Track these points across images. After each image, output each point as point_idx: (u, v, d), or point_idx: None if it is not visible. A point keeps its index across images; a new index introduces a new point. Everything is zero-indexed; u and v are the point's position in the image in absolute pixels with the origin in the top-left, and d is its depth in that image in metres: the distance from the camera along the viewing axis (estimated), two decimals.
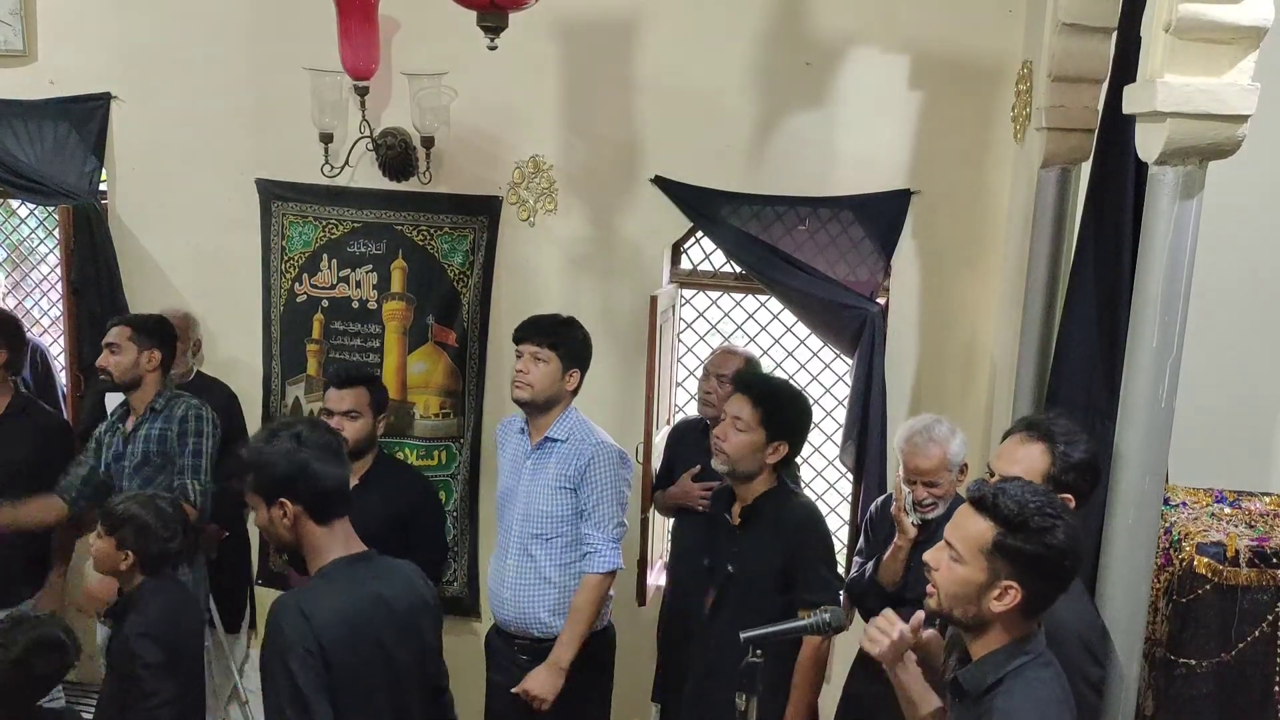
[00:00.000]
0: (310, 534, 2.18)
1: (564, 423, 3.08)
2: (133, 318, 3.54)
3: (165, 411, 3.43)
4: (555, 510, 3.04)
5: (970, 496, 1.86)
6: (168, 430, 3.40)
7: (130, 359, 3.40)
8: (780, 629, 2.31)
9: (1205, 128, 1.97)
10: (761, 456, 2.82)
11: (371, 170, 4.01)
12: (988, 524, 1.80)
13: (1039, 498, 1.81)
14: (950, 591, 1.84)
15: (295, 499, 2.16)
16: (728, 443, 2.82)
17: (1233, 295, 2.83)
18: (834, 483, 4.25)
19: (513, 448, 3.19)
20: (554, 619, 3.07)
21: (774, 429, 2.81)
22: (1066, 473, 2.20)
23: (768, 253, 3.80)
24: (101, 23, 4.21)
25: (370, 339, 4.17)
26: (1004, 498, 1.80)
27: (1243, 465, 2.87)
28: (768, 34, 3.77)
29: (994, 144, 3.68)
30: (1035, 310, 3.07)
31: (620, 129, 3.92)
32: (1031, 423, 2.32)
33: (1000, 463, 2.26)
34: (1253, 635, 2.37)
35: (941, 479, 2.85)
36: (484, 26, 3.05)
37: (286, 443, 2.17)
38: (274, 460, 2.16)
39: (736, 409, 2.83)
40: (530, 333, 3.07)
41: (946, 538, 1.87)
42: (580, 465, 3.03)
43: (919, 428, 2.90)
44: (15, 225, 4.84)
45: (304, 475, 2.15)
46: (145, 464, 3.39)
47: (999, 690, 1.81)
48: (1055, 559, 1.79)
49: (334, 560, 2.18)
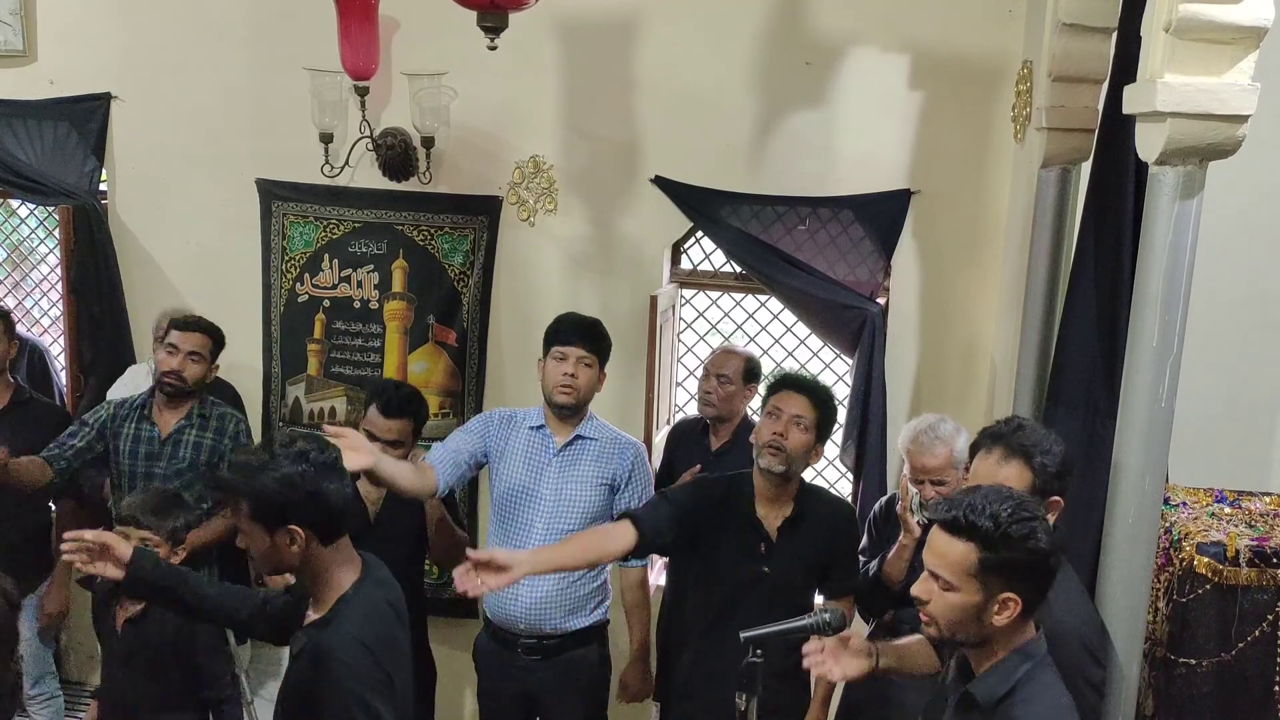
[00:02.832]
0: (319, 558, 2.06)
1: (591, 421, 3.14)
2: (209, 326, 3.48)
3: (215, 423, 3.46)
4: (591, 507, 3.07)
5: (941, 520, 1.82)
6: (218, 443, 3.44)
7: (204, 369, 3.43)
8: (780, 629, 2.31)
9: (1205, 128, 1.97)
10: (809, 458, 2.80)
11: (371, 170, 4.01)
12: (968, 545, 1.78)
13: (1008, 504, 1.79)
14: (949, 619, 1.82)
15: (305, 525, 2.02)
16: (790, 441, 2.72)
17: (1233, 295, 2.83)
18: (834, 483, 4.25)
19: (524, 445, 3.12)
20: (568, 618, 3.07)
21: (823, 431, 2.81)
22: (1049, 483, 2.19)
23: (768, 253, 3.80)
24: (101, 23, 4.21)
25: (371, 339, 4.17)
26: (976, 515, 1.77)
27: (1243, 465, 2.87)
28: (768, 34, 3.77)
29: (994, 144, 3.68)
30: (1035, 310, 3.07)
31: (620, 129, 3.92)
32: (998, 436, 2.26)
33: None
34: (1253, 635, 2.37)
35: (949, 477, 2.85)
36: (484, 26, 3.05)
37: (292, 465, 2.00)
38: (282, 486, 1.99)
39: (799, 408, 2.75)
40: (580, 337, 3.06)
41: (930, 568, 1.84)
42: (625, 464, 3.10)
43: (924, 427, 2.90)
44: (15, 225, 4.83)
45: (315, 499, 2.01)
46: (191, 470, 3.42)
47: (1015, 699, 1.80)
48: (1044, 561, 1.79)
49: (353, 585, 2.09)
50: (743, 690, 2.25)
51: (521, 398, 3.77)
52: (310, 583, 2.11)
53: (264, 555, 2.07)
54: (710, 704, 2.71)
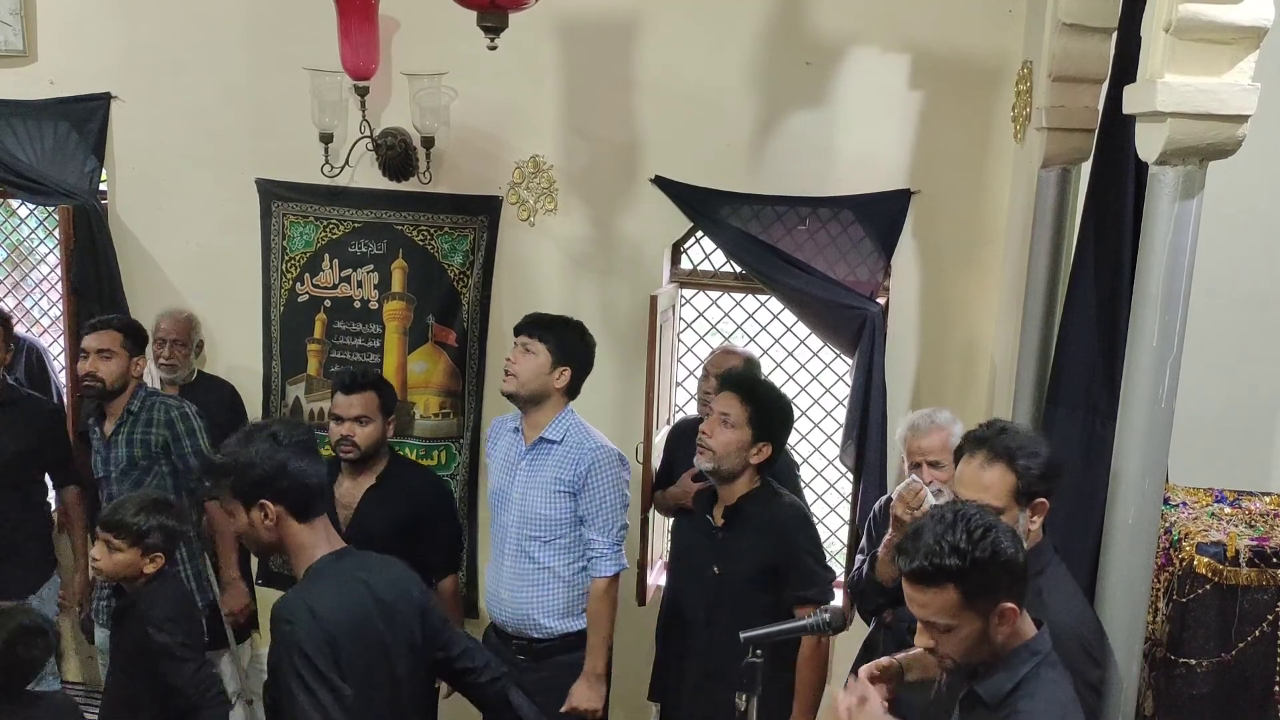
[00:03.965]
0: (293, 533, 2.19)
1: (559, 424, 3.04)
2: (121, 321, 3.50)
3: (145, 415, 3.43)
4: (553, 513, 3.02)
5: (910, 575, 1.81)
6: (149, 435, 3.41)
7: (122, 366, 3.39)
8: (780, 629, 2.31)
9: (1205, 128, 1.97)
10: (745, 455, 2.82)
11: (371, 170, 4.01)
12: (944, 588, 1.78)
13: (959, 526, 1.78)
14: (962, 651, 1.83)
15: (277, 499, 2.16)
16: (714, 439, 2.82)
17: (1233, 295, 2.83)
18: (834, 483, 4.25)
19: (505, 447, 3.16)
20: (552, 621, 3.06)
21: (761, 429, 2.83)
22: (1033, 485, 2.19)
23: (768, 253, 3.80)
24: (101, 23, 4.21)
25: (371, 339, 4.17)
26: (939, 558, 1.76)
27: (1243, 465, 2.86)
28: (768, 34, 3.77)
29: (994, 144, 3.68)
30: (1035, 310, 3.07)
31: (620, 129, 3.92)
32: (981, 440, 2.27)
33: (965, 490, 2.22)
34: (1253, 635, 2.36)
35: (945, 461, 2.88)
36: (484, 26, 3.05)
37: (263, 443, 2.17)
38: (253, 462, 2.15)
39: (725, 406, 2.83)
40: (524, 326, 3.08)
41: (923, 619, 1.83)
42: (580, 471, 3.00)
43: (921, 414, 3.02)
44: (15, 225, 4.83)
45: (284, 474, 2.15)
46: (131, 468, 3.41)
47: (1019, 694, 1.81)
48: (1018, 563, 1.80)
49: (322, 557, 2.20)
50: (743, 690, 2.25)
51: None
52: (290, 559, 2.24)
53: (245, 532, 2.23)
54: (710, 704, 2.72)
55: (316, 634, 2.08)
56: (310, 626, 2.08)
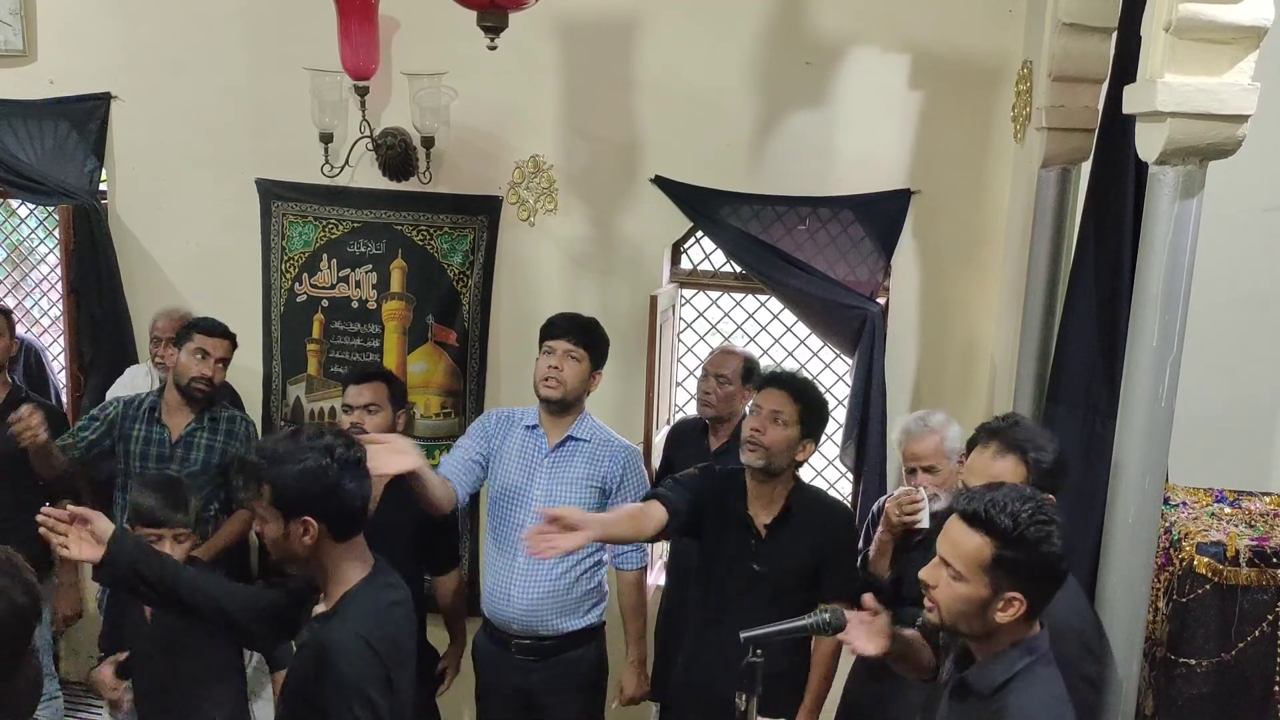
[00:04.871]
0: (330, 553, 2.07)
1: (584, 423, 3.10)
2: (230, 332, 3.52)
3: (226, 425, 3.52)
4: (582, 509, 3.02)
5: (961, 511, 1.83)
6: (229, 445, 3.48)
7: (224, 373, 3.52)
8: (780, 629, 2.30)
9: (1205, 128, 1.97)
10: (792, 454, 2.77)
11: (371, 170, 4.01)
12: (984, 539, 1.78)
13: (1029, 504, 1.79)
14: (953, 609, 1.83)
15: (321, 518, 2.03)
16: (767, 436, 2.73)
17: (1233, 295, 2.83)
18: (834, 483, 4.25)
19: (519, 445, 3.12)
20: (562, 619, 3.07)
21: (808, 427, 2.78)
22: (1042, 479, 2.21)
23: (768, 253, 3.80)
24: (101, 23, 4.21)
25: (370, 339, 4.17)
26: (996, 511, 1.78)
27: (1243, 465, 2.87)
28: (768, 34, 3.77)
29: (994, 144, 3.68)
30: (1035, 310, 3.08)
31: (620, 129, 3.92)
32: (995, 431, 2.30)
33: (975, 479, 2.23)
34: (1253, 635, 2.37)
35: (940, 465, 2.89)
36: (484, 26, 3.05)
37: (317, 458, 2.01)
38: (304, 477, 2.00)
39: (776, 403, 2.75)
40: (566, 330, 3.06)
41: (942, 555, 1.85)
42: (616, 468, 3.06)
43: (914, 417, 3.02)
44: (15, 225, 4.83)
45: (334, 495, 2.02)
46: (203, 473, 3.44)
47: (1010, 688, 1.81)
48: (1055, 565, 1.80)
49: (360, 581, 2.10)
50: (743, 690, 2.24)
51: (521, 398, 3.75)
52: (319, 577, 2.12)
53: (276, 542, 2.07)
54: (710, 704, 2.71)
55: (379, 672, 2.01)
56: (374, 666, 2.00)
